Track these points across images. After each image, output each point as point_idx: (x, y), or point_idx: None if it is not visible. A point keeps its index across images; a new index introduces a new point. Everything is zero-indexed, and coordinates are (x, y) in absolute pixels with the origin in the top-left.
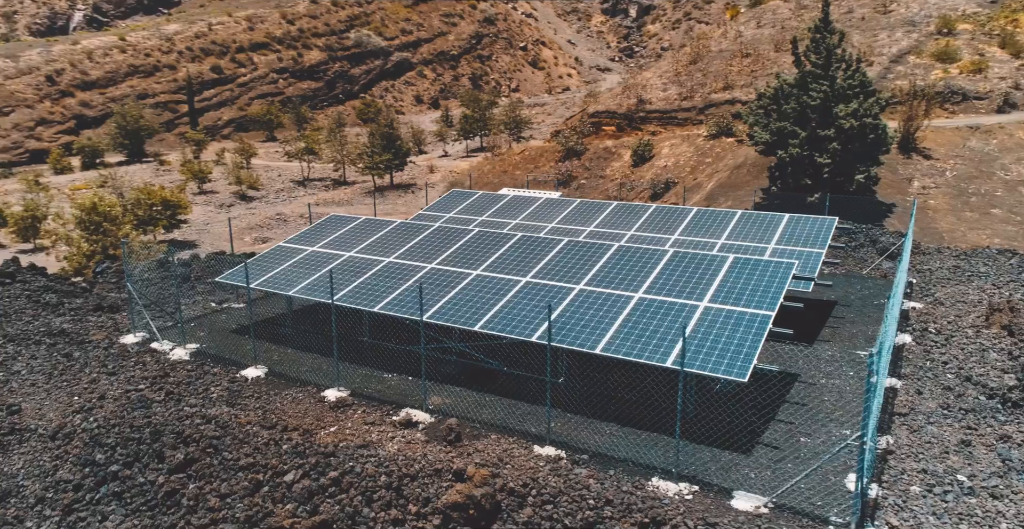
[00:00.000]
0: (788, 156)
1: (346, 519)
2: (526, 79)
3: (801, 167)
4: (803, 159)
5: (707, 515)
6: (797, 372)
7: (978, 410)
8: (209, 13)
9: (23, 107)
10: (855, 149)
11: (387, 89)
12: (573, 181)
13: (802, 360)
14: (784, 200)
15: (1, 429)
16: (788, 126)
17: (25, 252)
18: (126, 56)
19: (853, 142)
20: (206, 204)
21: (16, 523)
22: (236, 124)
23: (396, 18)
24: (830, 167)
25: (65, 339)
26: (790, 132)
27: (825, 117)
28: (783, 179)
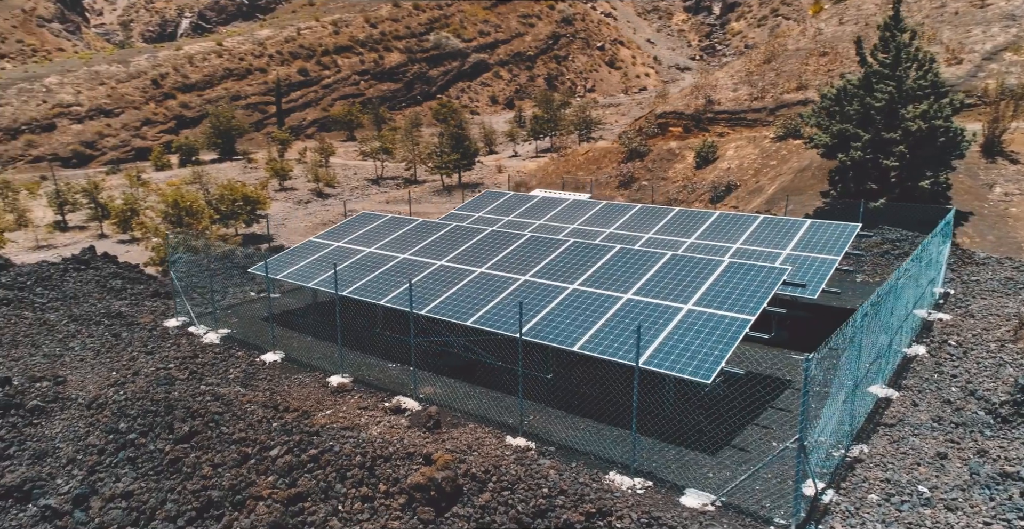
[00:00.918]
0: (849, 160)
1: (320, 493)
2: (602, 79)
3: (864, 171)
4: (866, 163)
5: (652, 509)
6: (790, 379)
7: (969, 424)
8: (299, 18)
9: (131, 109)
10: (924, 153)
11: (463, 90)
12: (634, 183)
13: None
14: (846, 205)
15: (47, 397)
16: (850, 128)
17: (124, 242)
18: (222, 60)
19: (922, 146)
20: (285, 200)
21: (49, 480)
22: (319, 124)
23: (475, 20)
24: (896, 171)
25: (120, 321)
26: (852, 134)
27: (891, 119)
28: (844, 183)
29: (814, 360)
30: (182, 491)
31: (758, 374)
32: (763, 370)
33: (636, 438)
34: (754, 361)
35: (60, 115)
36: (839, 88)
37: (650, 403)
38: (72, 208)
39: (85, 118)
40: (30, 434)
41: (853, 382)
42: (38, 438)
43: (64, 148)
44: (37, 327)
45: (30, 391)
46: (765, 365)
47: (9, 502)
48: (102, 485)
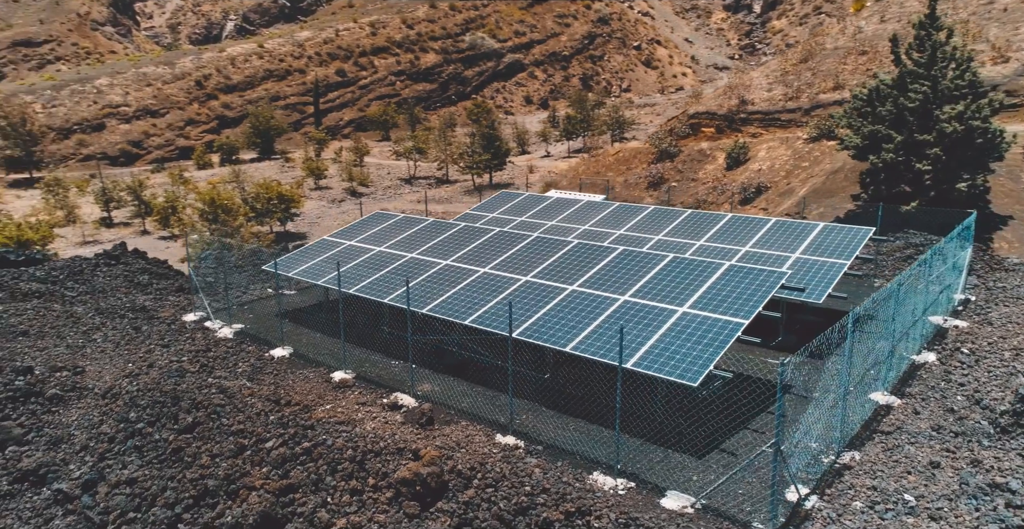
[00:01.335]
0: (881, 162)
1: (311, 485)
2: (638, 79)
3: (896, 174)
4: (898, 165)
5: (632, 510)
6: (791, 384)
7: (969, 434)
8: (338, 20)
9: (176, 109)
10: (961, 155)
11: (498, 90)
12: (664, 183)
13: (805, 372)
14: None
15: (65, 386)
16: (882, 130)
17: (164, 238)
18: (263, 62)
19: (958, 147)
20: (320, 199)
21: (62, 465)
22: (355, 124)
23: (510, 20)
24: (930, 174)
25: (143, 315)
26: (884, 136)
27: (925, 120)
28: (876, 186)
29: (790, 364)
30: (181, 479)
31: (758, 379)
32: (763, 375)
33: (620, 439)
34: (754, 365)
35: (109, 115)
36: (871, 88)
37: (642, 406)
38: (117, 205)
39: (132, 118)
40: (48, 421)
41: (844, 388)
42: (55, 425)
43: (112, 147)
44: (64, 319)
45: (50, 380)
46: (766, 369)
47: (25, 485)
48: (110, 472)
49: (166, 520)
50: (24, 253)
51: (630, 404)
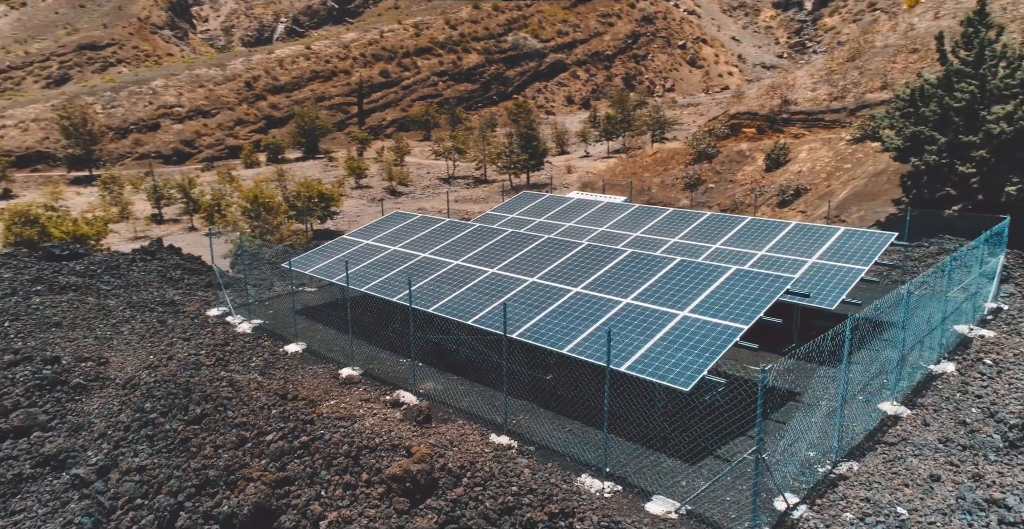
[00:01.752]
0: (923, 164)
1: (306, 478)
2: (682, 78)
3: (939, 177)
4: (941, 168)
5: (615, 513)
6: (799, 391)
7: (977, 447)
8: (383, 21)
9: (226, 109)
10: (1009, 158)
11: (539, 90)
12: (701, 185)
13: (815, 380)
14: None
15: (88, 376)
16: (925, 131)
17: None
18: (310, 63)
19: (1007, 150)
20: (360, 198)
21: (81, 451)
22: (398, 124)
23: (553, 20)
24: (977, 177)
25: (171, 309)
26: (927, 137)
27: (971, 121)
28: (918, 189)
29: (772, 372)
30: (186, 469)
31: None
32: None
33: (608, 442)
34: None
35: (163, 116)
36: (915, 88)
37: (640, 410)
38: (167, 202)
39: (185, 118)
40: (71, 409)
41: (841, 396)
42: (77, 413)
43: (166, 146)
44: (96, 311)
45: (75, 370)
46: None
47: (47, 469)
48: (122, 459)
49: (169, 507)
50: (68, 248)
51: (628, 408)
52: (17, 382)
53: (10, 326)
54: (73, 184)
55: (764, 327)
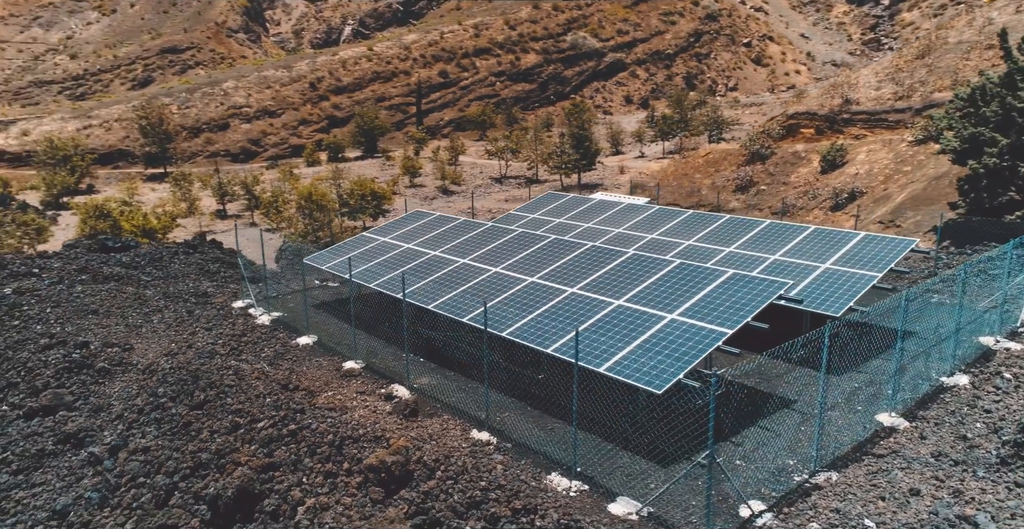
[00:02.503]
0: (982, 167)
1: (290, 465)
2: (746, 77)
3: (1000, 180)
4: (1002, 171)
5: (576, 512)
6: (794, 399)
7: (969, 463)
8: (444, 22)
9: (291, 110)
10: None
11: (598, 90)
12: (752, 187)
13: (813, 388)
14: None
15: (113, 361)
16: (986, 132)
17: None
18: (371, 64)
19: None
20: (413, 196)
21: (98, 431)
22: (455, 124)
23: (613, 19)
24: None
25: (201, 300)
26: (988, 139)
27: None
28: (976, 194)
29: (725, 375)
30: (184, 451)
31: (759, 391)
32: (768, 387)
33: (577, 441)
34: (757, 377)
35: (233, 116)
36: (976, 87)
37: (621, 411)
38: (231, 198)
39: (253, 118)
40: (94, 391)
41: (820, 404)
42: (99, 395)
43: (234, 145)
44: (132, 300)
45: (101, 355)
46: (772, 382)
47: (67, 446)
48: (132, 439)
49: (164, 487)
50: (120, 241)
51: (611, 410)
52: (49, 364)
53: (51, 312)
54: (149, 180)
55: (771, 332)
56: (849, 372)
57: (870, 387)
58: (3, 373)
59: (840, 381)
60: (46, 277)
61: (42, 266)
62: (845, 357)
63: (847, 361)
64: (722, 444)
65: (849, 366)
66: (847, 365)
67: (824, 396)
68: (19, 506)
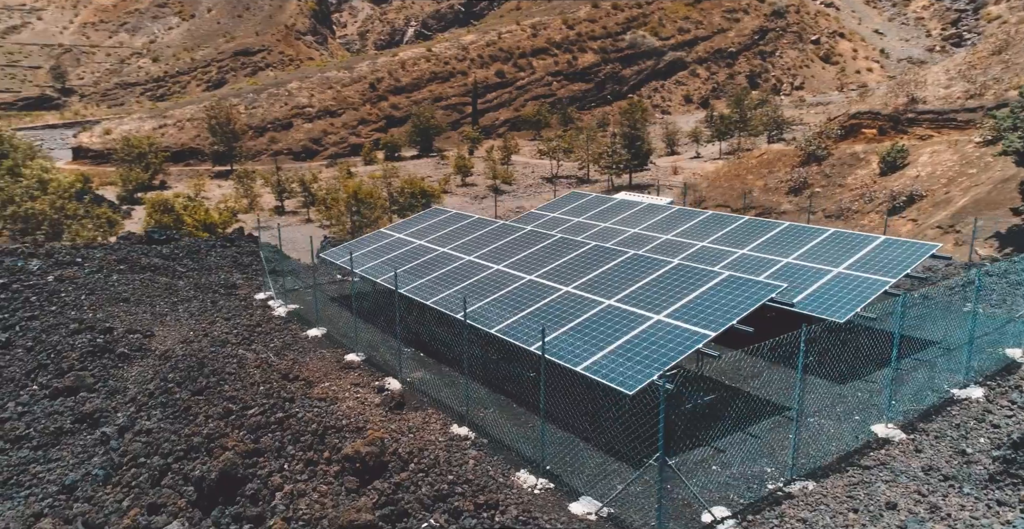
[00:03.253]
0: None
1: (274, 452)
2: (813, 75)
3: None
4: None
5: (536, 509)
6: (788, 405)
7: (959, 479)
8: (503, 23)
9: (351, 110)
10: None
11: (656, 89)
12: (806, 189)
13: (813, 396)
14: None
15: (133, 346)
16: None
17: (324, 226)
18: (429, 65)
19: None
20: (464, 195)
21: (112, 412)
22: (510, 124)
23: (675, 17)
24: None
25: (229, 291)
26: None
27: None
28: None
29: (678, 380)
30: (180, 434)
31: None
32: (763, 393)
33: (545, 439)
34: (750, 381)
35: (296, 115)
36: None
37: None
38: (289, 195)
39: (315, 118)
40: (113, 374)
41: (795, 411)
42: (117, 378)
43: (297, 144)
44: (162, 290)
45: (123, 340)
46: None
47: (83, 426)
48: (139, 421)
49: (159, 467)
50: (165, 234)
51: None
52: (76, 348)
53: (85, 299)
54: (216, 177)
55: (768, 337)
56: (854, 381)
57: (877, 397)
58: (36, 355)
59: (843, 390)
60: (87, 266)
61: (85, 256)
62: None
63: (851, 369)
64: (702, 448)
65: (854, 374)
66: (852, 373)
67: (800, 402)
68: (34, 479)
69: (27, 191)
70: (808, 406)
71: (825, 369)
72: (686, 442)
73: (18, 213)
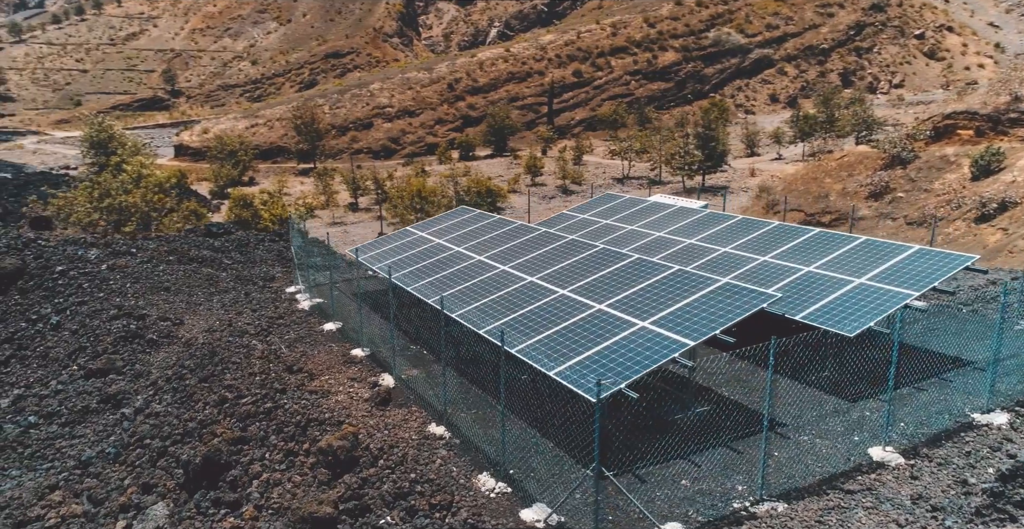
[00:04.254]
0: None
1: (258, 440)
2: (915, 72)
3: None
4: None
5: (486, 512)
6: (785, 422)
7: (948, 510)
8: (583, 22)
9: (429, 110)
10: None
11: (740, 88)
12: (888, 194)
13: (815, 412)
14: None
15: (162, 333)
16: None
17: (395, 224)
18: (507, 65)
19: None
20: (533, 194)
21: (133, 394)
22: (586, 124)
23: (763, 13)
24: None
25: (266, 284)
26: None
27: None
28: None
29: (609, 394)
30: (181, 418)
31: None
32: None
33: (505, 443)
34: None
35: (376, 115)
36: None
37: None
38: (363, 193)
39: (394, 118)
40: (140, 359)
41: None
42: (143, 363)
43: (376, 143)
44: (203, 281)
45: (153, 327)
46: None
47: (107, 406)
48: (152, 404)
49: (157, 449)
50: (223, 227)
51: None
52: (111, 332)
53: (130, 287)
54: (300, 174)
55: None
56: (865, 399)
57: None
58: (79, 337)
59: (852, 408)
60: (140, 256)
61: (140, 247)
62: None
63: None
64: (679, 461)
65: (865, 392)
66: (863, 390)
67: (768, 417)
68: (58, 454)
69: (122, 185)
70: (807, 423)
71: (833, 385)
72: (664, 453)
73: (112, 205)
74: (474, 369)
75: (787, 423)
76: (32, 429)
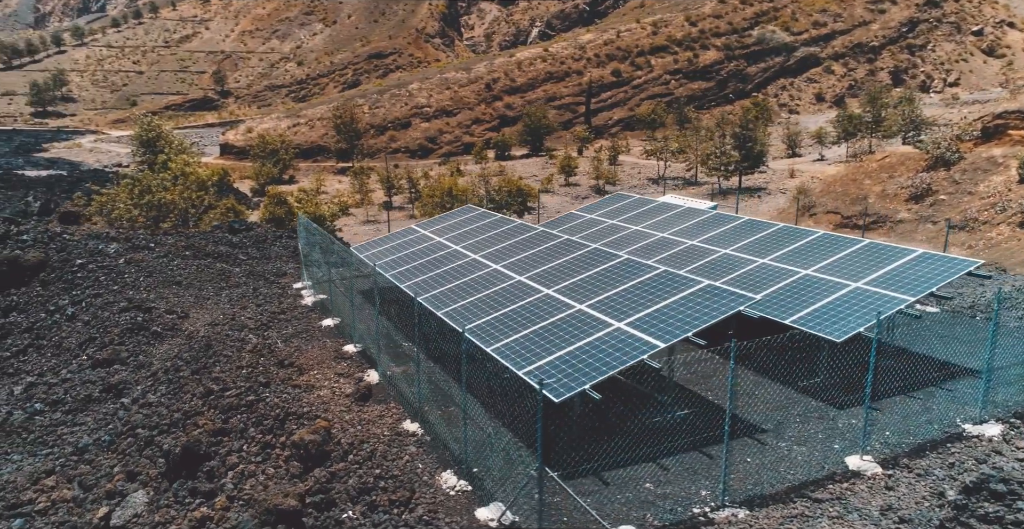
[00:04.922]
0: None
1: (237, 432)
2: (972, 70)
3: None
4: None
5: (442, 510)
6: (766, 428)
7: (917, 523)
8: (623, 21)
9: (466, 109)
10: None
11: (784, 87)
12: (929, 196)
13: (798, 418)
14: None
15: (166, 326)
16: None
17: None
18: (545, 65)
19: None
20: (566, 194)
21: (133, 385)
22: (624, 124)
23: (809, 10)
24: None
25: (275, 280)
26: None
27: None
28: None
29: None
30: (169, 408)
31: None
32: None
33: (467, 441)
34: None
35: (415, 115)
36: None
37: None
38: (397, 191)
39: (432, 117)
40: (144, 350)
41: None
42: (147, 354)
43: (413, 142)
44: (214, 276)
45: (159, 320)
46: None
47: (109, 395)
48: (150, 392)
49: (145, 438)
50: (245, 224)
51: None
52: (119, 324)
53: (143, 280)
54: (338, 173)
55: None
56: (854, 406)
57: (871, 425)
58: (91, 328)
59: (839, 414)
60: (157, 251)
61: (159, 242)
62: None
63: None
64: (645, 465)
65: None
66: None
67: (729, 422)
68: (58, 440)
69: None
70: (786, 429)
71: (823, 391)
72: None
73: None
74: (453, 367)
75: (768, 429)
76: (37, 416)
